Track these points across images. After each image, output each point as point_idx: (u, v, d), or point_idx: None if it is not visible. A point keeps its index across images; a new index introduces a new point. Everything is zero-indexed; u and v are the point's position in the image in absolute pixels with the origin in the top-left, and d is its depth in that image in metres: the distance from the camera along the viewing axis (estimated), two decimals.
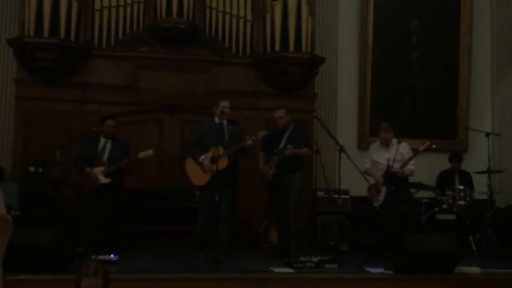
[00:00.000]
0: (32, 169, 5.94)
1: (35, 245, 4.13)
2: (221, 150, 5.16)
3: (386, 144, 5.81)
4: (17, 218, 5.48)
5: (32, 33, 6.20)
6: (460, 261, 4.71)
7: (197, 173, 5.32)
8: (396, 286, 4.52)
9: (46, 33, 6.18)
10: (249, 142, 5.21)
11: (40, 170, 5.94)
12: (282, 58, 6.59)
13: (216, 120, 5.41)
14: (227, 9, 6.77)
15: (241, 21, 6.79)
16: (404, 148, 5.75)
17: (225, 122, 5.45)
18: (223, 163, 5.11)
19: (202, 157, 5.28)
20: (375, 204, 5.71)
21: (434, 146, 5.78)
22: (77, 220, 5.62)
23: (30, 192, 5.90)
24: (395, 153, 5.64)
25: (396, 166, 5.63)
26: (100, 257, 4.79)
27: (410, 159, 5.62)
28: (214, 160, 5.13)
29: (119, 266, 4.74)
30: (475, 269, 4.82)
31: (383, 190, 5.63)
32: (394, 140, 5.78)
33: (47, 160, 6.01)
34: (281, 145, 5.50)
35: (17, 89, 6.52)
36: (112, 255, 4.88)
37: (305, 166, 5.79)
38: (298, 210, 5.52)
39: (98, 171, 5.52)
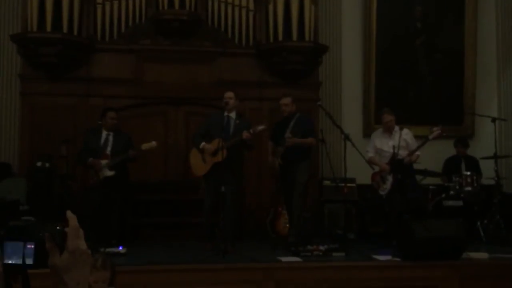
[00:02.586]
0: (39, 164, 5.97)
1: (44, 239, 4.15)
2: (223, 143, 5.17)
3: (390, 130, 5.77)
4: (25, 213, 5.54)
5: (35, 28, 6.20)
6: (467, 247, 4.70)
7: (197, 164, 5.35)
8: (403, 273, 4.53)
9: (49, 28, 6.19)
10: (245, 136, 5.15)
11: (47, 165, 5.97)
12: (285, 48, 6.56)
13: (225, 113, 5.41)
14: None
15: (244, 11, 6.75)
16: (407, 135, 5.72)
17: (233, 115, 5.43)
18: (220, 156, 5.10)
19: (202, 144, 5.30)
20: (381, 193, 5.71)
21: (444, 135, 5.71)
22: (84, 214, 5.66)
23: (37, 187, 5.94)
24: (398, 140, 5.61)
25: (401, 153, 5.61)
26: (108, 249, 4.83)
27: (419, 147, 5.57)
28: (215, 152, 5.15)
29: (127, 258, 4.78)
30: (483, 255, 4.82)
31: (389, 178, 5.61)
32: (396, 127, 5.75)
33: (54, 155, 6.04)
34: (286, 135, 5.49)
35: (21, 85, 6.54)
36: (120, 248, 4.92)
37: (311, 155, 5.75)
38: (302, 200, 5.49)
39: (102, 163, 5.54)
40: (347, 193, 5.77)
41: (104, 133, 5.69)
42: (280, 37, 6.62)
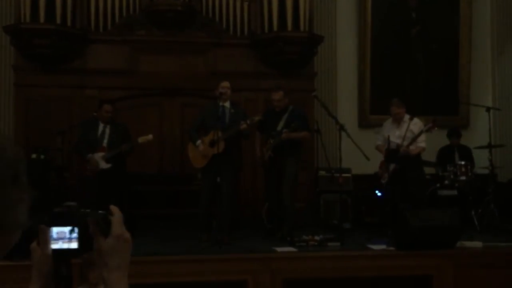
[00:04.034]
0: (34, 156, 5.95)
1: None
2: (220, 134, 5.16)
3: (398, 121, 5.75)
4: None
5: (28, 19, 6.15)
6: (461, 236, 4.74)
7: (196, 156, 5.35)
8: (398, 262, 4.56)
9: (42, 19, 6.14)
10: (243, 126, 5.14)
11: (42, 156, 5.95)
12: (280, 38, 6.54)
13: (220, 103, 5.38)
14: None
15: (238, 2, 6.72)
16: (415, 125, 5.65)
17: (227, 104, 5.41)
18: (219, 147, 5.09)
19: (199, 142, 5.29)
20: (382, 181, 5.73)
21: (436, 129, 5.70)
22: (80, 206, 5.64)
23: (32, 179, 5.91)
24: (405, 130, 5.58)
25: (407, 144, 5.59)
26: None
27: (413, 139, 5.57)
28: (213, 143, 5.14)
29: None
30: (477, 244, 4.85)
31: (391, 167, 5.61)
32: (406, 117, 5.71)
33: (49, 146, 6.02)
34: (279, 128, 5.44)
35: (15, 77, 6.50)
36: None
37: (302, 149, 5.72)
38: (293, 193, 5.48)
39: (98, 156, 5.53)
40: (343, 183, 5.78)
41: (101, 125, 5.67)
42: (275, 28, 6.59)
